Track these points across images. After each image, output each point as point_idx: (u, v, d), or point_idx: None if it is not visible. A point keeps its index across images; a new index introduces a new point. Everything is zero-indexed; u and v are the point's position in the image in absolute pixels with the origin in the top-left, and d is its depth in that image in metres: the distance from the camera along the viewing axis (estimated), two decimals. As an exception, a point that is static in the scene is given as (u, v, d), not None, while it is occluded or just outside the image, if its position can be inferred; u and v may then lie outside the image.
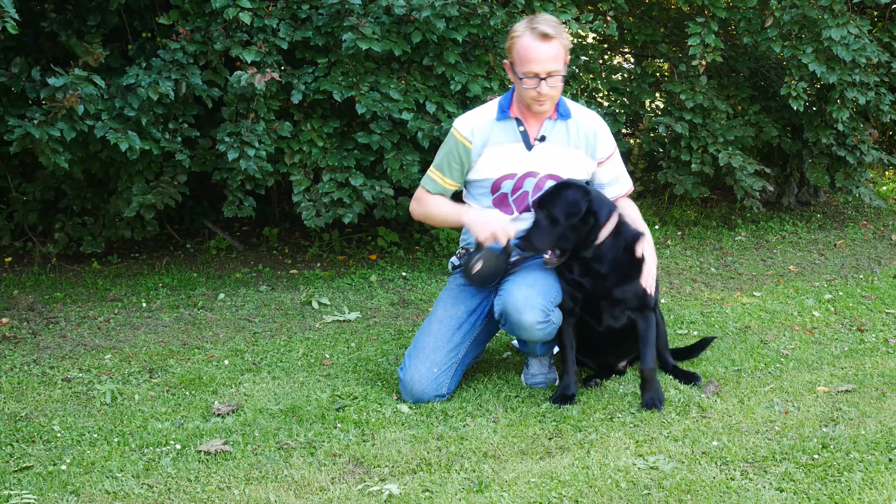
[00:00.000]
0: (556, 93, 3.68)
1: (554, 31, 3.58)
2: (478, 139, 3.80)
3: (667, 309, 5.07)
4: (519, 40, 3.61)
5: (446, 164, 3.87)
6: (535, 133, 3.79)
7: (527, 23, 3.63)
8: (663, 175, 6.62)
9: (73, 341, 4.65)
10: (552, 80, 3.61)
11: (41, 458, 3.31)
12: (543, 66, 3.58)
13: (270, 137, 5.30)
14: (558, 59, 3.60)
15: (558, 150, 3.79)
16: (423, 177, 3.97)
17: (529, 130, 3.79)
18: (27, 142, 4.83)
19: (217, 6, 5.00)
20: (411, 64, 5.54)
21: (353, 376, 4.09)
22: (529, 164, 3.79)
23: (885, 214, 7.50)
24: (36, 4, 5.50)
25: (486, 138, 3.79)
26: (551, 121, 3.78)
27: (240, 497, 3.00)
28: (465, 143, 3.81)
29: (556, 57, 3.59)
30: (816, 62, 6.05)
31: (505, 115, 3.79)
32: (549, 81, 3.60)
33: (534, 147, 3.79)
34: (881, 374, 3.99)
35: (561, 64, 3.62)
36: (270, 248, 6.44)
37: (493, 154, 3.79)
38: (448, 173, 3.87)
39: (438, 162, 3.90)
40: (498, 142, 3.79)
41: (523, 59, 3.60)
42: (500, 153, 3.79)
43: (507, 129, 3.80)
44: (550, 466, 3.19)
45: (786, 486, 3.02)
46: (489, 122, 3.80)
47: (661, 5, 7.45)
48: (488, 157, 3.80)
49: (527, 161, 3.79)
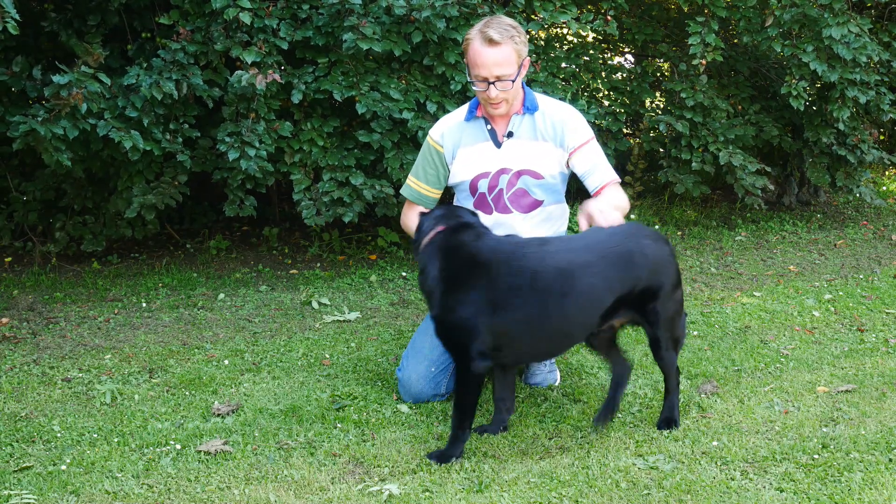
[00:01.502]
0: (508, 96, 3.68)
1: (502, 36, 3.56)
2: (448, 142, 3.85)
3: (667, 309, 5.07)
4: (470, 44, 3.63)
5: (421, 169, 3.92)
6: (502, 130, 3.81)
7: (480, 26, 3.63)
8: (664, 174, 6.62)
9: (73, 341, 4.65)
10: (501, 83, 3.61)
11: (41, 458, 3.31)
12: (490, 70, 3.59)
13: (271, 137, 5.30)
14: (507, 63, 3.59)
15: (527, 145, 3.79)
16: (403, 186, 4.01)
17: (497, 128, 3.81)
18: (30, 139, 4.84)
19: (217, 6, 5.00)
20: (411, 64, 5.54)
21: (353, 376, 4.09)
22: (500, 161, 3.80)
23: (885, 214, 7.50)
24: (36, 4, 5.50)
25: (457, 140, 3.83)
26: (518, 116, 3.79)
27: (240, 497, 3.00)
28: (436, 147, 3.87)
29: (503, 62, 3.58)
30: (817, 61, 6.05)
31: (472, 115, 3.82)
32: (497, 85, 3.62)
33: (503, 144, 3.80)
34: (881, 374, 3.99)
35: (511, 68, 3.60)
36: (270, 248, 6.44)
37: (465, 155, 3.83)
38: (424, 179, 3.91)
39: (414, 168, 3.97)
40: (468, 143, 3.83)
41: (472, 63, 3.63)
42: (472, 154, 3.82)
43: (476, 130, 3.82)
44: (550, 466, 3.19)
45: (786, 486, 3.02)
46: (459, 125, 3.85)
47: (661, 5, 7.45)
48: (461, 159, 3.84)
49: (497, 159, 3.80)
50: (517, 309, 3.15)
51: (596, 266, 3.20)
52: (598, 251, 3.23)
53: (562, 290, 3.16)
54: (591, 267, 3.20)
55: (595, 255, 3.22)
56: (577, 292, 3.17)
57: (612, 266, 3.22)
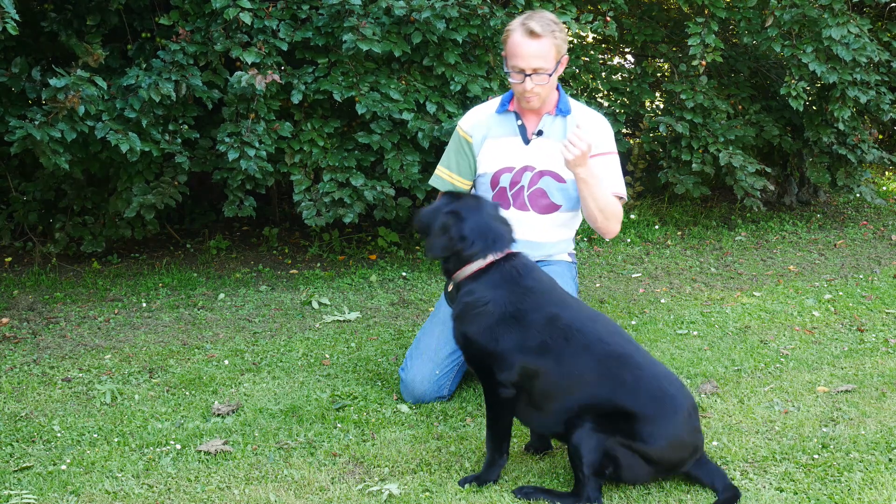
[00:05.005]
0: (543, 90, 3.68)
1: (543, 29, 3.58)
2: (478, 133, 3.85)
3: (667, 309, 5.08)
4: (510, 35, 3.64)
5: (454, 161, 3.92)
6: (533, 128, 3.80)
7: (522, 18, 3.65)
8: (664, 175, 6.62)
9: (73, 341, 4.65)
10: (537, 77, 3.62)
11: (41, 458, 3.31)
12: (528, 62, 3.60)
13: (271, 137, 5.30)
14: (546, 56, 3.60)
15: (554, 146, 3.78)
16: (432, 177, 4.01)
17: (528, 125, 3.80)
18: (28, 143, 4.84)
19: (217, 6, 5.00)
20: (411, 64, 5.54)
21: (353, 376, 4.09)
22: (526, 158, 3.80)
23: (885, 214, 7.50)
24: (36, 4, 5.50)
25: (486, 131, 3.83)
26: (550, 116, 3.79)
27: (240, 497, 3.00)
28: (466, 137, 3.87)
29: (542, 55, 3.60)
30: (817, 62, 6.05)
31: (504, 108, 3.83)
32: (533, 78, 3.62)
33: (531, 141, 3.80)
34: (881, 374, 3.99)
35: (548, 62, 3.61)
36: (270, 248, 6.44)
37: (491, 147, 3.82)
38: (456, 169, 3.90)
39: (445, 159, 3.96)
40: (496, 135, 3.82)
41: (511, 54, 3.64)
42: (498, 146, 3.81)
43: (505, 123, 3.83)
44: (550, 466, 3.19)
45: (786, 486, 3.02)
46: (490, 116, 3.86)
47: (661, 5, 7.45)
48: (487, 150, 3.83)
49: (524, 155, 3.80)
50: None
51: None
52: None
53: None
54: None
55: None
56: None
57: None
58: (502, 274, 3.11)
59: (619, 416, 2.90)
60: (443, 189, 3.92)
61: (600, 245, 6.48)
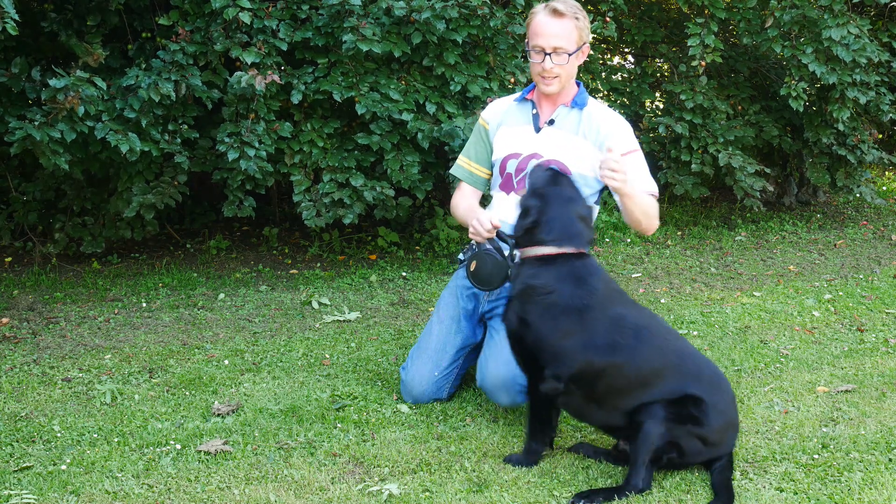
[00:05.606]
0: (563, 71, 3.65)
1: (567, 9, 3.60)
2: (494, 120, 3.88)
3: (667, 309, 5.08)
4: (534, 17, 3.66)
5: (473, 148, 3.94)
6: (546, 116, 3.79)
7: (547, 2, 3.67)
8: (663, 175, 6.62)
9: (73, 341, 4.65)
10: (557, 56, 3.61)
11: (41, 458, 3.31)
12: (549, 41, 3.59)
13: (271, 138, 5.30)
14: (567, 37, 3.60)
15: (565, 137, 3.74)
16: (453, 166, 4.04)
17: (542, 114, 3.80)
18: (27, 143, 4.84)
19: (217, 6, 5.00)
20: (411, 64, 5.54)
21: (353, 376, 4.09)
22: (535, 146, 3.77)
23: (885, 214, 7.50)
24: (36, 4, 5.50)
25: (501, 119, 3.86)
26: (566, 108, 3.77)
27: (240, 497, 3.00)
28: (484, 125, 3.91)
29: (564, 34, 3.59)
30: (816, 62, 6.05)
31: (523, 97, 3.84)
32: (553, 58, 3.61)
33: (542, 130, 3.78)
34: (881, 374, 4.00)
35: (570, 42, 3.61)
36: (270, 248, 6.44)
37: (504, 134, 3.83)
38: (475, 157, 3.92)
39: (465, 149, 3.99)
40: (511, 123, 3.84)
41: (533, 34, 3.65)
42: (511, 133, 3.82)
43: (522, 111, 3.83)
44: (550, 466, 3.19)
45: (786, 486, 3.02)
46: (509, 106, 3.88)
47: (660, 6, 7.45)
48: (500, 137, 3.84)
49: (533, 143, 3.78)
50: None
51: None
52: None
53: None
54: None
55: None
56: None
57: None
58: (571, 269, 3.19)
59: (688, 403, 3.05)
60: (461, 178, 3.95)
61: (600, 245, 6.48)
